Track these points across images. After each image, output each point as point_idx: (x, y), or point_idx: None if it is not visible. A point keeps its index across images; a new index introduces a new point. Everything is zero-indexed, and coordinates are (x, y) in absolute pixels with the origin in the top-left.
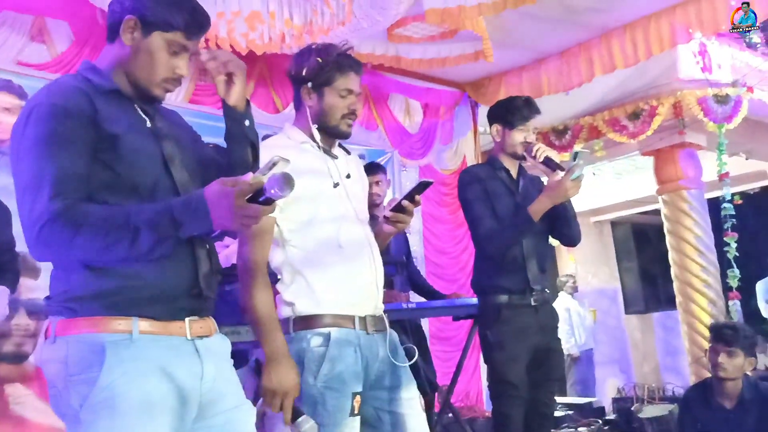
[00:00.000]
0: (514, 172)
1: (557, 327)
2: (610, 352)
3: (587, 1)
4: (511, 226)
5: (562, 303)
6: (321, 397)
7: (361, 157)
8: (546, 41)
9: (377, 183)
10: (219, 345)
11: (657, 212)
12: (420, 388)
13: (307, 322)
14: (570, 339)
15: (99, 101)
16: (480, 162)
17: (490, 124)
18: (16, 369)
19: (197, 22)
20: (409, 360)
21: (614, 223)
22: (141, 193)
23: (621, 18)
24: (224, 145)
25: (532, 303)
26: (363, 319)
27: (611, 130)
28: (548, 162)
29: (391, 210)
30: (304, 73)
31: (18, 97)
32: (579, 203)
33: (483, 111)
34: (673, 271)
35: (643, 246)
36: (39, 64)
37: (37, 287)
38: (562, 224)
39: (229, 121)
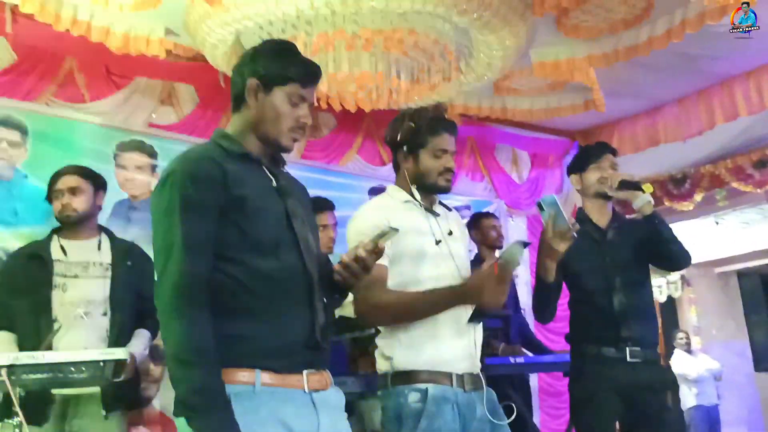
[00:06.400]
0: (603, 221)
1: (667, 389)
2: (738, 411)
3: (705, 50)
4: (535, 297)
5: (678, 360)
6: None
7: (467, 208)
8: (662, 89)
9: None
10: (334, 398)
11: None
12: None
13: (405, 377)
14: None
15: (229, 165)
16: None
17: (571, 179)
18: (140, 413)
19: (310, 72)
20: (508, 417)
21: (741, 274)
22: (265, 249)
23: (743, 65)
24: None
25: (629, 359)
26: (461, 376)
27: (735, 179)
28: (625, 185)
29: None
30: (398, 138)
31: (149, 156)
32: (701, 253)
33: None
34: None
35: None
36: (168, 125)
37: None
38: (662, 249)
39: None
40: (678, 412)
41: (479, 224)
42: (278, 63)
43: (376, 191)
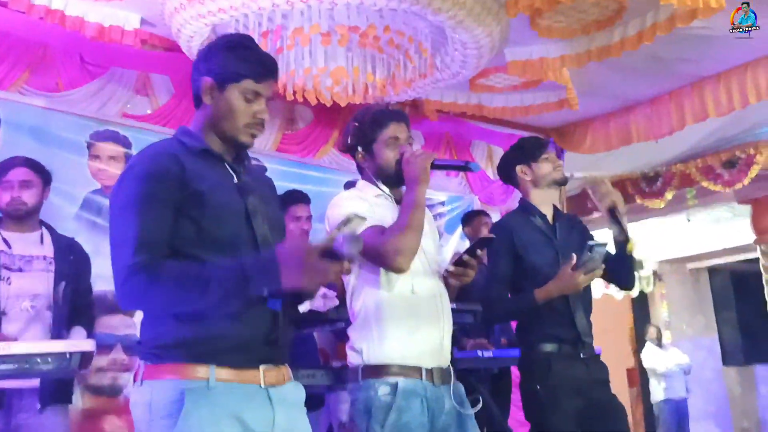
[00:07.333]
0: (549, 215)
1: (609, 381)
2: (706, 406)
3: (677, 52)
4: (514, 303)
5: (648, 354)
6: None
7: (441, 204)
8: (634, 90)
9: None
10: (292, 393)
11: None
12: None
13: (375, 371)
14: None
15: (189, 161)
16: (565, 208)
17: (512, 172)
18: (111, 402)
19: (264, 67)
20: (472, 408)
21: (712, 271)
22: (223, 246)
23: (714, 67)
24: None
25: (582, 356)
26: (430, 371)
27: (705, 179)
28: (612, 213)
29: (453, 264)
30: (350, 142)
31: (122, 146)
32: (673, 250)
33: (569, 157)
34: None
35: (743, 295)
36: (142, 115)
37: (133, 324)
38: (624, 270)
39: None
40: (620, 405)
41: (472, 221)
42: (231, 60)
43: (351, 185)
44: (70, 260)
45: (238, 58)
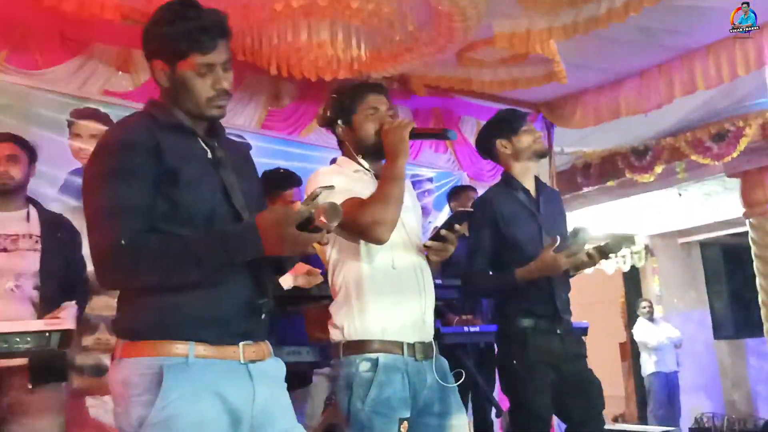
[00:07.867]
0: (531, 187)
1: (586, 356)
2: (697, 379)
3: (665, 24)
4: (495, 280)
5: (640, 328)
6: (369, 422)
7: (429, 180)
8: (623, 63)
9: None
10: (272, 369)
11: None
12: (480, 408)
13: (356, 347)
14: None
15: (162, 136)
16: (554, 183)
17: (492, 146)
18: (95, 381)
19: (207, 36)
20: (455, 382)
21: (703, 245)
22: (198, 223)
23: (702, 39)
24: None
25: (558, 331)
26: (411, 345)
27: (694, 152)
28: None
29: (431, 239)
30: (329, 114)
31: (104, 124)
32: (664, 224)
33: (558, 132)
34: (760, 297)
35: (734, 268)
36: (123, 92)
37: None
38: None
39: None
40: (596, 380)
41: (458, 196)
42: (171, 37)
43: None
44: (58, 237)
45: (177, 34)
